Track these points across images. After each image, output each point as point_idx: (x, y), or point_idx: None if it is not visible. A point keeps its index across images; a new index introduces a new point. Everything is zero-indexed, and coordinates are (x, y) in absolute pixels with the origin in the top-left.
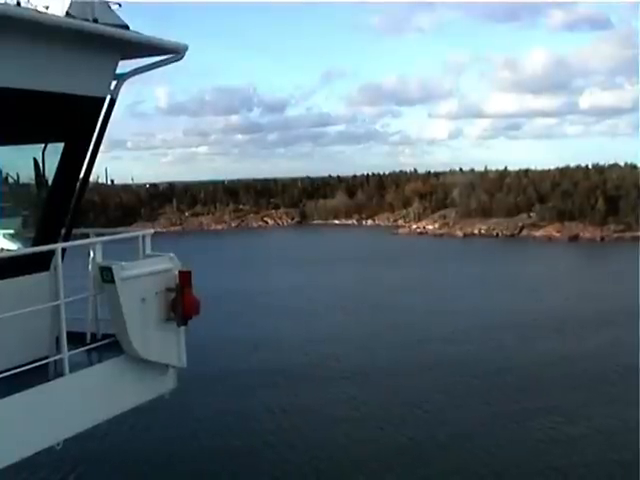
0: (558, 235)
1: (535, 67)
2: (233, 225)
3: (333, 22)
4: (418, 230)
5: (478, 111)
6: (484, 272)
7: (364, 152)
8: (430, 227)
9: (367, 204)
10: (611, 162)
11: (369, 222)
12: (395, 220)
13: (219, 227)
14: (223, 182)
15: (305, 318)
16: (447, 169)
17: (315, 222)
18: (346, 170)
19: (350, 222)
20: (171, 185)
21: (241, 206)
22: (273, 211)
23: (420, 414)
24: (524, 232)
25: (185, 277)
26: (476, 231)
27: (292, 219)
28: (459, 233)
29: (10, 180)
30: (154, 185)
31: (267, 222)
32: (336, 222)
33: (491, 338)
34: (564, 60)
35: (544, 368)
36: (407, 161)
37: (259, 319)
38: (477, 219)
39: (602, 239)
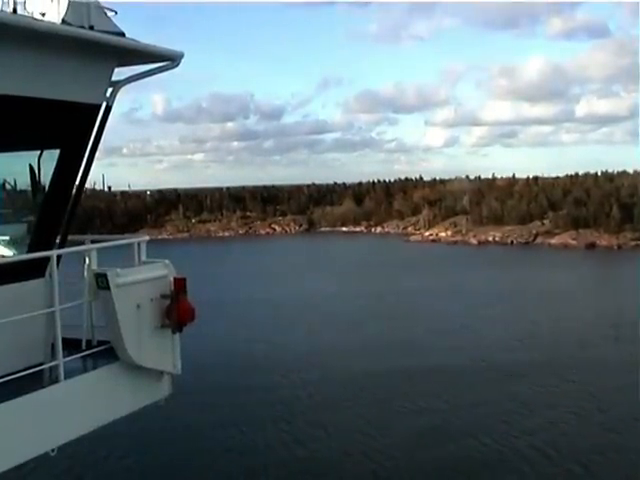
0: (574, 243)
1: (532, 75)
2: (241, 232)
3: (331, 30)
4: (431, 237)
5: (474, 119)
6: (517, 278)
7: (359, 160)
8: (443, 234)
9: (375, 211)
10: (619, 169)
11: (378, 229)
12: (405, 227)
13: (226, 234)
14: (228, 189)
15: (351, 327)
16: (442, 177)
17: (323, 229)
18: (341, 178)
19: (358, 229)
20: (177, 191)
21: (248, 213)
22: (280, 218)
23: (499, 424)
24: (538, 239)
25: (180, 284)
26: (490, 238)
27: (300, 226)
28: (473, 240)
29: (7, 187)
30: (159, 191)
31: (275, 229)
32: (344, 229)
33: (551, 345)
34: (561, 68)
35: (620, 375)
36: (402, 169)
37: (309, 328)
38: (490, 227)
39: (619, 247)
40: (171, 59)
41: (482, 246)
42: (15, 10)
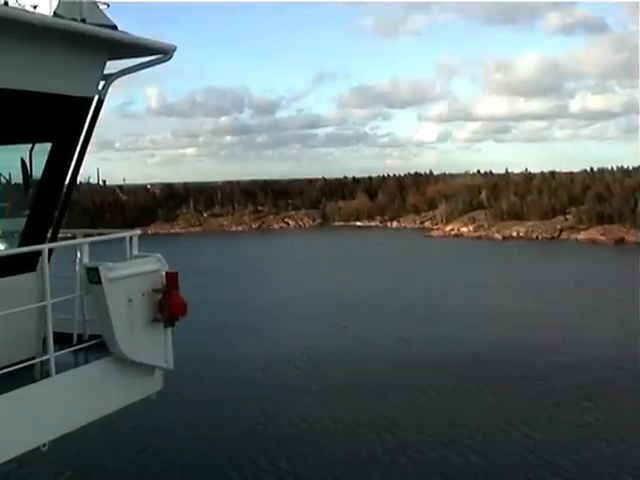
0: (602, 238)
1: (528, 70)
2: (254, 227)
3: (327, 24)
4: (453, 232)
5: (468, 114)
6: (569, 272)
7: (352, 154)
8: (464, 229)
9: (389, 205)
10: (635, 165)
11: (394, 224)
12: (422, 222)
13: (240, 228)
14: (239, 183)
15: (428, 323)
16: (434, 172)
17: (336, 224)
18: (332, 172)
19: (373, 224)
20: (186, 185)
21: (260, 207)
22: (293, 212)
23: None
24: (563, 235)
25: (172, 278)
26: (514, 234)
27: (313, 220)
28: (497, 236)
29: (1, 180)
30: (169, 185)
31: (288, 224)
32: (358, 224)
33: None
34: (557, 63)
35: None
36: (394, 163)
37: (385, 325)
38: (511, 222)
39: None
40: (164, 52)
41: (507, 241)
42: (6, 2)
